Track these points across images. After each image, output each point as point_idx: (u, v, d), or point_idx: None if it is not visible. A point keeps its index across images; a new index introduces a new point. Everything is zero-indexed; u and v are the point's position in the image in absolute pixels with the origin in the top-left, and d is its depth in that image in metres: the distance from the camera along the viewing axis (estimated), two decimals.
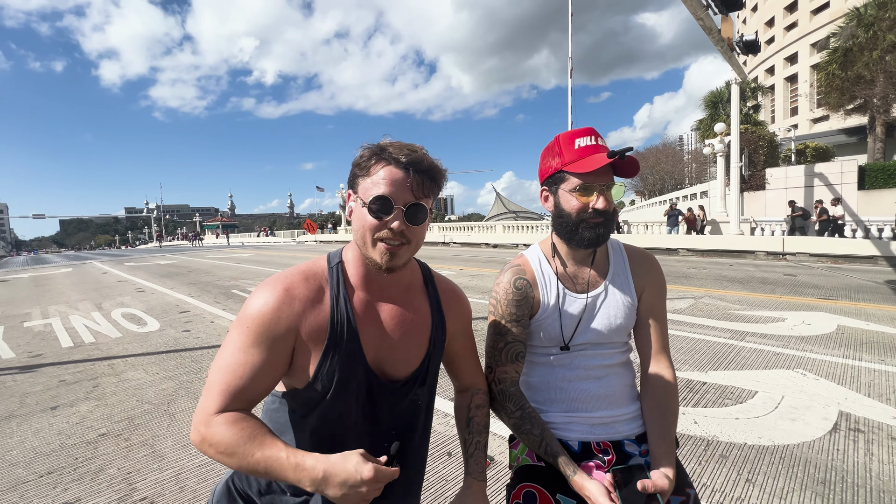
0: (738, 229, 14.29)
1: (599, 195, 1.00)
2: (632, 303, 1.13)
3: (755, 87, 23.57)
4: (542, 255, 1.16)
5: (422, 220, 0.83)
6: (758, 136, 19.02)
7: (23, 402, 3.25)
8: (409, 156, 0.80)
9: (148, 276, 12.18)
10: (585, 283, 1.12)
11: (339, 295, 0.85)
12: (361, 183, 0.82)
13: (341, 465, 0.69)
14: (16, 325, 6.18)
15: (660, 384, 1.11)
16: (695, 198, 24.28)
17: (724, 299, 6.13)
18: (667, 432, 1.05)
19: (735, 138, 14.36)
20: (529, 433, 1.05)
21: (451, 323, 0.98)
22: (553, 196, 1.07)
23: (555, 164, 1.05)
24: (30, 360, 4.35)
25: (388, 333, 0.88)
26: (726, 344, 4.06)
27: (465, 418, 1.04)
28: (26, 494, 2.09)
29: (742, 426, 2.51)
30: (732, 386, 3.09)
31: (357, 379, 0.84)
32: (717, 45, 11.64)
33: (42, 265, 20.84)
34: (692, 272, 9.19)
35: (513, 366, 1.10)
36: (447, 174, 0.89)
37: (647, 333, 1.14)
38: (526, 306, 1.10)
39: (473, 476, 0.95)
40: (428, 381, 0.95)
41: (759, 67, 39.41)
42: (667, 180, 47.65)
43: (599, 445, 1.09)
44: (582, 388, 1.11)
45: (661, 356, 1.14)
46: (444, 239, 24.02)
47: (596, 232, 1.03)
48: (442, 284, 1.01)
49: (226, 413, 0.76)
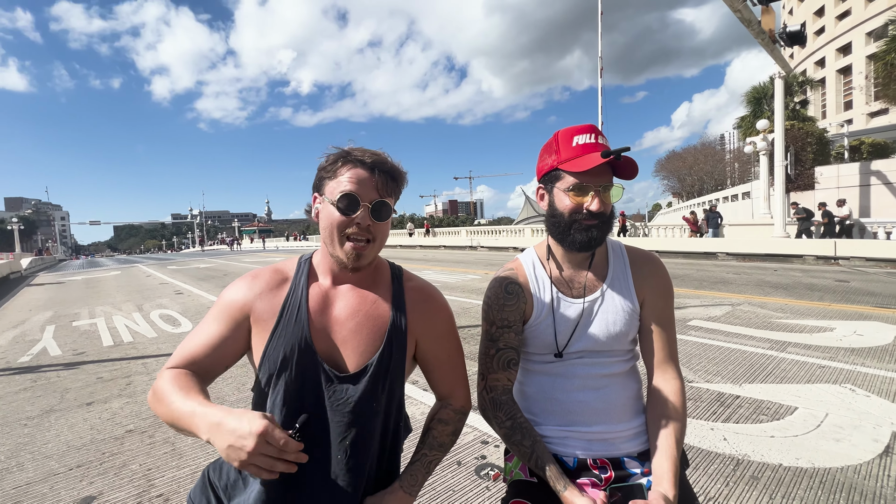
0: (784, 232, 13.44)
1: (595, 196, 0.95)
2: (633, 308, 1.06)
3: (803, 80, 22.16)
4: (536, 259, 1.12)
5: (386, 217, 0.88)
6: (805, 133, 17.87)
7: (63, 398, 3.45)
8: (373, 157, 0.86)
9: (187, 279, 12.79)
10: (582, 287, 1.07)
11: (300, 284, 0.92)
12: (328, 184, 0.87)
13: (235, 414, 0.68)
14: (66, 324, 6.61)
15: (664, 397, 1.03)
16: (736, 199, 23.09)
17: (765, 306, 5.74)
18: (670, 450, 0.96)
19: (779, 135, 13.54)
20: (520, 444, 1.00)
21: (415, 321, 0.95)
22: (548, 194, 1.03)
23: (551, 162, 1.01)
24: (74, 358, 4.64)
25: (342, 323, 0.90)
26: (764, 355, 3.79)
27: (426, 427, 1.01)
28: (55, 486, 2.20)
29: (778, 445, 2.31)
30: (769, 400, 2.86)
31: (303, 364, 0.86)
32: (757, 38, 11.04)
33: (95, 268, 22.35)
34: (731, 277, 8.69)
35: (504, 373, 1.05)
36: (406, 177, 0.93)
37: (651, 342, 1.07)
38: (517, 311, 1.05)
39: (401, 484, 0.91)
40: (383, 380, 0.90)
41: (807, 60, 37.13)
42: (706, 181, 45.55)
43: (597, 462, 1.02)
44: (578, 400, 1.04)
45: (667, 366, 1.06)
46: (471, 243, 23.92)
47: (588, 234, 0.98)
48: (410, 283, 0.99)
49: (176, 369, 0.83)
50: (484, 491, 2.01)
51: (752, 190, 20.52)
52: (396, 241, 30.21)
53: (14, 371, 4.25)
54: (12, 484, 2.23)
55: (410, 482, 0.91)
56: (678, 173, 47.85)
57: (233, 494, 0.88)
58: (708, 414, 2.70)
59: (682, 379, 1.07)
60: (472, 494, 1.99)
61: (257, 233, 65.62)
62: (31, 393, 3.59)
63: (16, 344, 5.45)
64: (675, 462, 0.95)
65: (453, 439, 1.01)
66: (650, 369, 1.08)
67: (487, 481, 2.08)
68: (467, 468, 2.20)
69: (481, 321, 1.10)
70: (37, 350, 5.05)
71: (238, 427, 0.66)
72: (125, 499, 2.06)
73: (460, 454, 2.33)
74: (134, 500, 2.05)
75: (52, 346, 5.19)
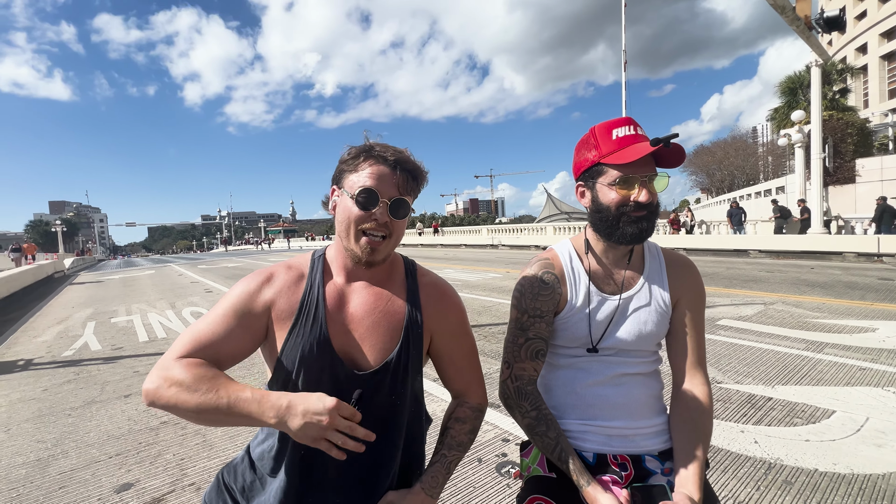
0: (822, 227, 12.81)
1: (641, 187, 0.93)
2: (665, 310, 1.04)
3: (842, 68, 21.04)
4: (573, 251, 1.09)
5: (404, 215, 0.87)
6: (845, 123, 16.94)
7: (103, 390, 3.63)
8: (395, 155, 0.86)
9: (216, 277, 13.23)
10: (619, 284, 1.05)
11: (315, 281, 0.90)
12: (348, 177, 0.86)
13: (304, 395, 0.72)
14: (105, 320, 6.96)
15: (693, 401, 1.01)
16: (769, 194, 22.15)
17: (801, 306, 5.50)
18: (696, 452, 0.95)
19: (816, 126, 12.89)
20: (544, 435, 0.99)
21: (430, 317, 0.95)
22: (590, 191, 1.00)
23: (591, 157, 0.98)
24: (112, 353, 4.87)
25: (359, 320, 0.89)
26: (799, 356, 3.63)
27: (444, 427, 1.00)
28: (97, 473, 2.32)
29: (813, 449, 2.22)
30: (804, 403, 2.74)
31: (322, 362, 0.85)
32: (791, 25, 10.53)
33: (131, 268, 23.40)
34: (763, 275, 8.35)
35: (532, 363, 1.04)
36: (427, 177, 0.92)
37: (682, 345, 1.05)
38: (552, 302, 1.04)
39: (422, 486, 0.90)
40: (402, 376, 0.90)
41: (847, 47, 35.20)
42: (737, 176, 43.84)
43: (617, 459, 1.00)
44: (599, 394, 1.03)
45: (696, 371, 1.04)
46: (492, 242, 23.81)
47: (639, 226, 0.95)
48: (425, 279, 1.00)
49: (188, 358, 0.78)
50: (504, 489, 2.01)
51: (786, 184, 19.62)
52: (417, 241, 30.44)
53: (59, 364, 4.51)
54: (58, 470, 2.37)
55: (431, 484, 0.91)
56: (707, 168, 46.17)
57: (251, 496, 0.89)
58: (738, 416, 2.61)
59: (710, 385, 1.05)
60: (493, 492, 1.99)
61: (282, 233, 67.29)
62: (74, 385, 3.80)
63: (60, 339, 5.77)
64: (700, 466, 0.94)
65: (472, 438, 0.99)
66: (679, 373, 1.05)
67: (508, 479, 2.08)
68: (488, 465, 2.20)
69: (511, 309, 1.08)
70: (79, 345, 5.34)
71: (311, 406, 0.70)
72: (160, 486, 2.15)
73: (481, 451, 2.33)
74: (168, 487, 2.14)
75: (93, 341, 5.48)
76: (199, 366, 0.77)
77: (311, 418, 0.69)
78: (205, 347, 0.81)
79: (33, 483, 2.25)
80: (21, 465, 2.43)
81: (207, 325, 0.83)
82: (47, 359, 4.76)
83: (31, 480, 2.27)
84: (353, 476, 0.87)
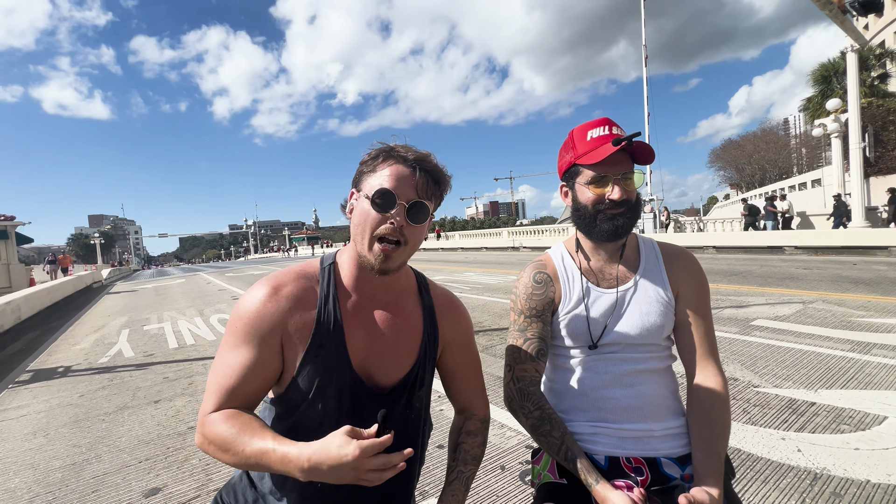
0: (864, 221, 12.12)
1: (615, 185, 0.97)
2: (667, 300, 1.04)
3: (881, 52, 19.97)
4: (564, 251, 1.13)
5: (423, 220, 0.82)
6: (887, 110, 16.07)
7: (134, 396, 3.75)
8: (416, 155, 0.82)
9: (243, 285, 13.58)
10: (613, 278, 1.06)
11: (329, 295, 0.85)
12: (367, 179, 0.82)
13: (324, 449, 0.65)
14: (138, 328, 7.22)
15: (706, 393, 0.98)
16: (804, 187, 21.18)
17: (844, 304, 5.18)
18: (713, 448, 0.92)
19: (854, 115, 12.24)
20: (549, 435, 0.97)
21: (444, 331, 0.93)
22: (571, 190, 1.05)
23: (569, 158, 1.03)
24: (144, 359, 5.04)
25: (377, 337, 0.86)
26: (844, 357, 3.41)
27: (454, 443, 0.97)
28: (127, 477, 2.38)
29: (864, 459, 2.06)
30: (851, 409, 2.56)
31: (340, 382, 0.82)
32: (824, 10, 10.06)
33: (163, 277, 24.31)
34: (800, 272, 7.94)
35: (532, 364, 1.03)
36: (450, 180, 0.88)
37: (690, 337, 1.03)
38: (545, 300, 1.06)
39: None
40: (416, 390, 0.88)
41: (886, 30, 33.39)
42: (768, 170, 42.09)
43: (630, 462, 0.96)
44: (609, 396, 1.00)
45: (706, 362, 1.02)
46: (513, 244, 23.59)
47: (614, 223, 0.98)
48: (437, 291, 0.98)
49: (221, 411, 0.76)
50: (528, 497, 1.94)
51: (822, 177, 18.70)
52: (438, 244, 30.48)
53: (94, 371, 4.69)
54: (91, 474, 2.44)
55: (453, 502, 0.87)
56: (736, 163, 44.50)
57: None
58: (778, 422, 2.46)
59: (724, 375, 1.01)
60: (517, 500, 1.93)
61: (306, 240, 68.71)
62: (108, 391, 3.93)
63: (97, 346, 6.01)
64: (719, 460, 0.90)
65: (483, 450, 0.97)
66: (690, 366, 1.03)
67: (532, 487, 2.01)
68: (511, 473, 2.13)
69: (509, 313, 1.10)
70: (113, 352, 5.54)
71: (335, 461, 0.64)
72: (186, 491, 2.18)
73: (504, 458, 2.27)
74: (194, 492, 2.17)
75: (126, 349, 5.68)
76: (229, 418, 0.74)
77: (343, 475, 0.64)
78: (230, 392, 0.77)
79: (68, 487, 2.32)
80: (58, 469, 2.52)
81: (225, 365, 0.79)
82: (84, 366, 4.96)
83: (67, 484, 2.35)
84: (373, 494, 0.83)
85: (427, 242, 31.91)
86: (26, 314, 8.66)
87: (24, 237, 19.24)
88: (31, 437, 3.02)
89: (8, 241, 17.30)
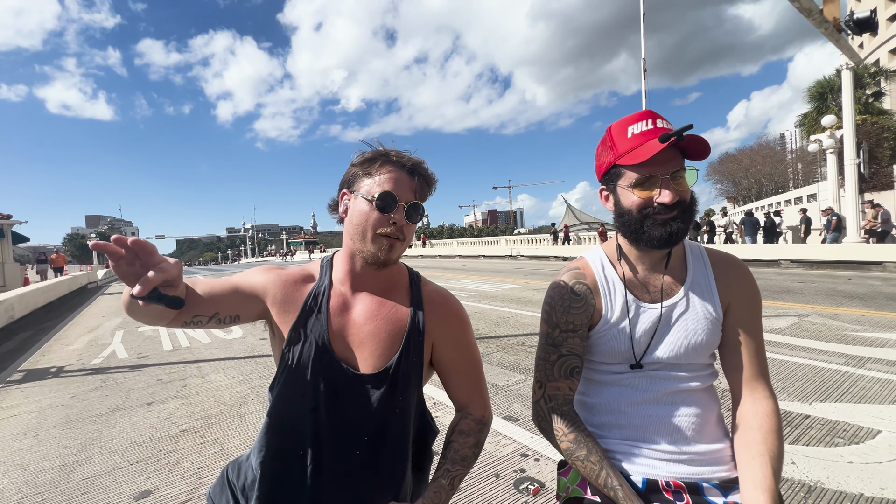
0: (859, 236, 12.22)
1: (663, 187, 0.85)
2: (715, 316, 0.94)
3: (875, 70, 20.29)
4: (605, 259, 1.01)
5: (418, 219, 0.90)
6: (881, 128, 16.32)
7: (127, 397, 3.71)
8: (411, 160, 0.90)
9: None
10: (658, 290, 0.96)
11: (323, 283, 0.94)
12: (364, 181, 0.88)
13: None
14: (132, 329, 7.17)
15: (757, 419, 0.89)
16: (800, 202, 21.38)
17: (838, 318, 5.21)
18: (767, 480, 0.81)
19: (849, 131, 12.41)
20: (585, 461, 0.90)
21: (432, 325, 0.94)
22: (612, 194, 0.94)
23: (608, 159, 0.92)
24: (138, 361, 5.00)
25: (360, 325, 0.90)
26: (838, 371, 3.42)
27: (447, 440, 0.97)
28: (118, 479, 2.35)
29: (858, 472, 2.06)
30: (845, 422, 2.57)
31: (320, 363, 0.86)
32: (819, 28, 10.24)
33: None
34: (796, 286, 7.99)
35: (566, 382, 0.96)
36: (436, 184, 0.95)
37: (738, 355, 0.93)
38: (585, 315, 0.96)
39: (424, 501, 0.86)
40: (403, 385, 0.89)
41: (881, 49, 33.99)
42: (765, 184, 42.44)
43: (670, 486, 0.89)
44: (648, 414, 0.93)
45: (756, 384, 0.92)
46: (510, 252, 23.64)
47: (667, 229, 0.86)
48: (428, 287, 1.00)
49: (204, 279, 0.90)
50: None
51: (818, 191, 18.91)
52: (436, 251, 30.51)
53: (88, 372, 4.65)
54: (82, 475, 2.41)
55: (434, 500, 0.87)
56: (733, 176, 44.91)
57: (250, 495, 0.89)
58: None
59: (776, 399, 0.92)
60: None
61: (303, 244, 68.59)
62: (100, 392, 3.90)
63: (90, 347, 5.96)
64: (772, 496, 0.79)
65: (476, 452, 0.96)
66: (737, 387, 0.94)
67: (527, 496, 2.00)
68: (506, 481, 2.12)
69: (541, 323, 1.01)
70: (107, 353, 5.50)
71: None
72: (177, 495, 2.16)
73: (499, 466, 2.26)
74: (185, 496, 2.15)
75: (120, 350, 5.64)
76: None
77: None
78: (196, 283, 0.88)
79: (58, 488, 2.29)
80: (48, 470, 2.49)
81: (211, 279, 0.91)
82: (77, 366, 4.92)
83: (56, 485, 2.32)
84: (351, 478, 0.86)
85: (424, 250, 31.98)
86: (20, 313, 8.59)
87: (19, 236, 19.11)
88: (21, 437, 2.99)
89: (3, 240, 17.20)
